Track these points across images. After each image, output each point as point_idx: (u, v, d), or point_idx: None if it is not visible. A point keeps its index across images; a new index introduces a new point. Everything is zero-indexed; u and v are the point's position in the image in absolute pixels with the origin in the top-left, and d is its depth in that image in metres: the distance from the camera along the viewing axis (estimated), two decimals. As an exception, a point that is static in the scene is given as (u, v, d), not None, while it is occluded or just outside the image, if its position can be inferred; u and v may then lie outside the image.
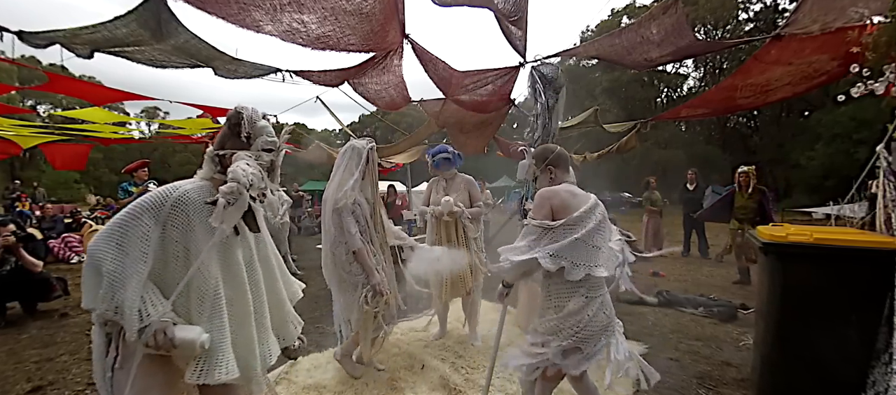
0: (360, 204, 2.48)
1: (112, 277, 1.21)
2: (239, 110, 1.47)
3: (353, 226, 2.41)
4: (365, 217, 2.49)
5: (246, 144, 1.46)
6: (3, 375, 2.91)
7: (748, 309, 4.02)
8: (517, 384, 2.59)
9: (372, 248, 2.49)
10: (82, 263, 7.82)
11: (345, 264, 2.48)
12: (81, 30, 2.34)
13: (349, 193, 2.41)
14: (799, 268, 2.16)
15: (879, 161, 2.39)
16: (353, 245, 2.40)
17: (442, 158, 3.24)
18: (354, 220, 2.43)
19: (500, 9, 3.13)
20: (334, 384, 2.57)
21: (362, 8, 2.48)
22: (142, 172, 5.69)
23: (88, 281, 1.24)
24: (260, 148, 1.47)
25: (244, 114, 1.46)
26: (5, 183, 13.30)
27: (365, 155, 2.49)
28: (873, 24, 2.36)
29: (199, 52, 2.85)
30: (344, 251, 2.47)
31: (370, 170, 2.54)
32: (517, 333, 3.45)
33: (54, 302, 4.34)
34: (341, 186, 2.44)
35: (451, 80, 3.76)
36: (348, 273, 2.48)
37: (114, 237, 1.25)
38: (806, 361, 2.14)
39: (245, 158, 1.41)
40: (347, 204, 2.41)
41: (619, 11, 27.18)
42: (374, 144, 2.58)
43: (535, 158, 2.00)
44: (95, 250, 1.23)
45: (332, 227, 2.48)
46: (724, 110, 4.25)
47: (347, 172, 2.47)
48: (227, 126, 1.49)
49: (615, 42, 3.29)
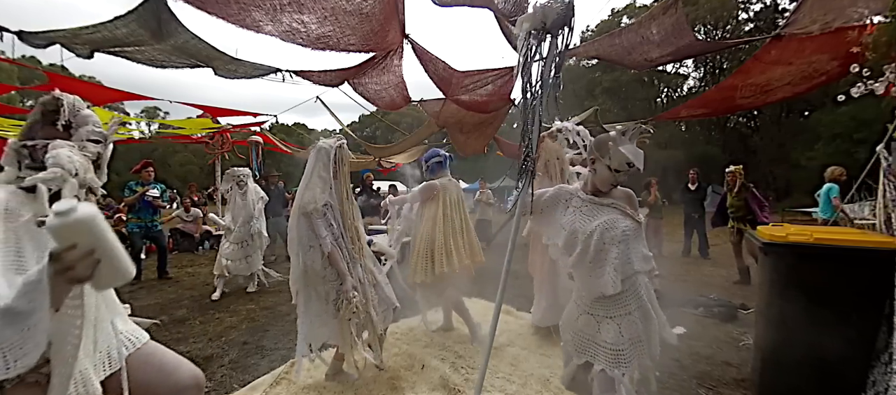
0: (332, 206, 2.39)
1: None
2: (57, 96, 1.27)
3: (324, 229, 2.31)
4: (336, 220, 2.39)
5: (65, 135, 1.25)
6: None
7: (748, 309, 4.02)
8: (517, 384, 2.59)
9: (344, 253, 2.37)
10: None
11: (319, 270, 2.35)
12: (81, 30, 2.34)
13: (318, 195, 2.34)
14: (799, 268, 2.17)
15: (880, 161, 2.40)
16: (324, 248, 2.31)
17: (436, 162, 3.26)
18: (326, 223, 2.34)
19: (500, 9, 3.13)
20: (334, 384, 2.57)
21: (362, 8, 2.48)
22: (146, 172, 5.72)
23: None
24: (84, 137, 1.27)
25: (64, 100, 1.27)
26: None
27: (333, 155, 2.42)
28: (873, 24, 2.36)
29: (199, 52, 2.85)
30: (319, 257, 2.34)
31: (340, 170, 2.46)
32: (518, 333, 3.45)
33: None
34: (310, 189, 2.36)
35: (451, 80, 3.76)
36: (322, 280, 2.36)
37: None
38: (806, 361, 2.14)
39: (65, 145, 1.20)
40: (318, 207, 2.32)
41: (619, 11, 27.20)
42: (343, 142, 2.49)
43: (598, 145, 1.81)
44: None
45: (303, 232, 2.36)
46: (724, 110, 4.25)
47: (316, 175, 2.39)
48: (40, 114, 1.27)
49: (615, 42, 3.29)
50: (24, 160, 1.21)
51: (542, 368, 2.79)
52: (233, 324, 3.83)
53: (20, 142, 1.22)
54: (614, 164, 1.72)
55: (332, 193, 2.39)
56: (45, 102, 1.27)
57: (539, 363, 2.86)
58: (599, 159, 1.78)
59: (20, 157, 1.22)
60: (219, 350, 3.24)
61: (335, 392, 2.50)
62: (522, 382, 2.62)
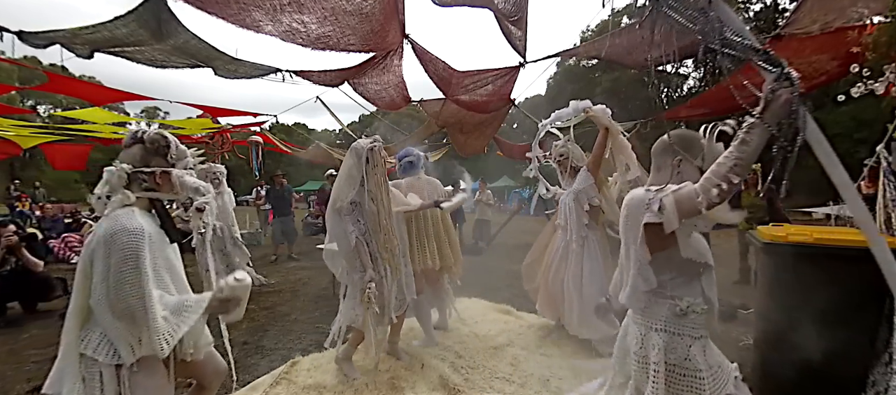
0: (359, 204, 2.50)
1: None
2: (164, 135, 1.58)
3: (351, 225, 2.48)
4: (364, 218, 2.50)
5: (171, 164, 1.57)
6: (3, 375, 2.91)
7: (748, 309, 4.02)
8: (517, 384, 2.59)
9: (368, 248, 2.49)
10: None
11: (350, 260, 2.54)
12: (81, 30, 2.34)
13: (346, 193, 2.49)
14: (799, 268, 2.16)
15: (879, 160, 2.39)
16: (350, 242, 2.48)
17: (407, 162, 3.23)
18: (354, 219, 2.49)
19: (500, 9, 3.13)
20: (334, 384, 2.57)
21: (362, 8, 2.48)
22: None
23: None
24: (187, 166, 1.63)
25: (170, 138, 1.59)
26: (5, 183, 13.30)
27: (364, 156, 2.48)
28: (873, 24, 2.36)
29: (199, 53, 2.85)
30: (347, 248, 2.52)
31: (371, 171, 2.50)
32: (518, 333, 3.45)
33: (54, 302, 4.35)
34: (340, 187, 2.52)
35: (451, 80, 3.76)
36: (353, 269, 2.55)
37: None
38: (805, 361, 2.14)
39: (186, 174, 1.60)
40: (344, 205, 2.48)
41: (619, 11, 27.20)
42: (377, 143, 2.54)
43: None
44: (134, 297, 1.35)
45: (333, 226, 2.57)
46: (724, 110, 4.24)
47: (347, 173, 2.51)
48: (151, 148, 1.54)
49: (615, 42, 3.29)
50: (141, 184, 1.51)
51: (542, 368, 2.79)
52: (233, 324, 3.84)
53: (136, 169, 1.50)
54: (706, 164, 1.52)
55: (363, 191, 2.49)
56: (153, 139, 1.55)
57: (539, 363, 2.86)
58: (687, 160, 1.59)
59: (137, 181, 1.50)
60: (219, 350, 3.23)
61: (335, 392, 2.51)
62: (522, 382, 2.62)
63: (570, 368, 2.79)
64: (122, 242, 1.34)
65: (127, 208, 1.45)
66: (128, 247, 1.34)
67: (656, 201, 1.45)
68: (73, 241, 7.57)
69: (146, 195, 1.52)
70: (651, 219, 1.45)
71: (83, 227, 8.37)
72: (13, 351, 3.29)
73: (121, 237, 1.34)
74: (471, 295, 4.35)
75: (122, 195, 1.46)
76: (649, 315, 1.59)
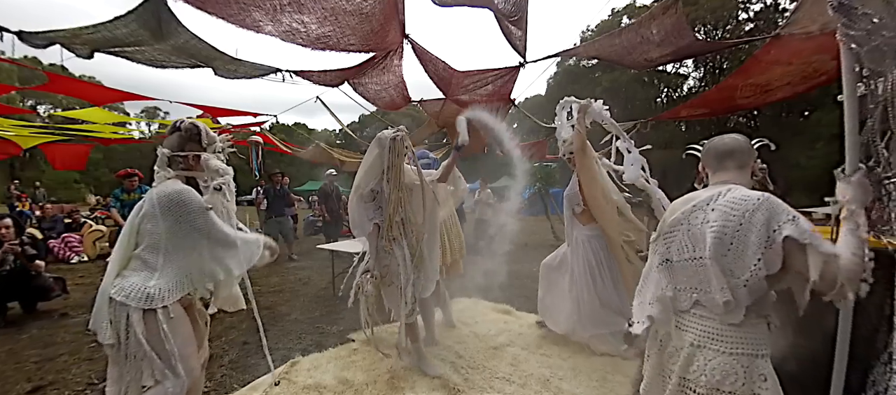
0: (378, 193, 2.57)
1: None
2: (195, 123, 1.86)
3: (371, 211, 2.58)
4: (382, 206, 2.56)
5: (203, 148, 1.87)
6: (3, 375, 2.91)
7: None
8: (517, 384, 2.59)
9: (389, 234, 2.52)
10: (82, 263, 7.77)
11: (374, 244, 2.61)
12: (81, 30, 2.34)
13: (365, 181, 2.56)
14: (799, 268, 2.16)
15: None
16: (367, 228, 2.57)
17: (424, 163, 3.23)
18: (375, 206, 2.58)
19: (500, 9, 3.13)
20: (334, 384, 2.57)
21: (362, 8, 2.49)
22: (129, 181, 5.67)
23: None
24: (216, 150, 1.91)
25: (201, 126, 1.87)
26: (6, 183, 13.30)
27: (387, 146, 2.49)
28: (873, 24, 2.36)
29: (199, 53, 2.85)
30: (365, 233, 2.62)
31: (393, 161, 2.50)
32: (518, 333, 3.45)
33: (54, 302, 4.35)
34: (361, 176, 2.58)
35: (451, 80, 3.77)
36: (379, 254, 2.60)
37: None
38: (805, 361, 2.14)
39: (213, 157, 1.87)
40: (364, 192, 2.56)
41: (619, 11, 27.18)
42: (401, 133, 2.53)
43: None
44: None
45: (354, 211, 2.64)
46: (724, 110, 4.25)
47: (369, 162, 2.55)
48: (185, 135, 1.85)
49: (615, 42, 3.29)
50: (178, 165, 1.81)
51: (542, 368, 2.79)
52: (233, 324, 3.83)
53: (173, 152, 1.81)
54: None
55: (384, 180, 2.52)
56: (187, 127, 1.85)
57: (539, 363, 2.86)
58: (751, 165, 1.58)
59: (174, 162, 1.81)
60: (219, 350, 3.23)
61: (335, 392, 2.51)
62: (522, 382, 2.62)
63: (571, 368, 2.79)
64: (186, 197, 1.69)
65: (171, 179, 1.76)
66: (192, 200, 1.70)
67: (803, 220, 1.25)
68: (73, 241, 7.57)
69: (182, 174, 1.81)
70: (804, 238, 1.23)
71: (83, 227, 8.37)
72: (13, 351, 3.29)
73: (183, 195, 1.68)
74: (470, 295, 4.36)
75: (164, 172, 1.77)
76: (750, 342, 1.34)
